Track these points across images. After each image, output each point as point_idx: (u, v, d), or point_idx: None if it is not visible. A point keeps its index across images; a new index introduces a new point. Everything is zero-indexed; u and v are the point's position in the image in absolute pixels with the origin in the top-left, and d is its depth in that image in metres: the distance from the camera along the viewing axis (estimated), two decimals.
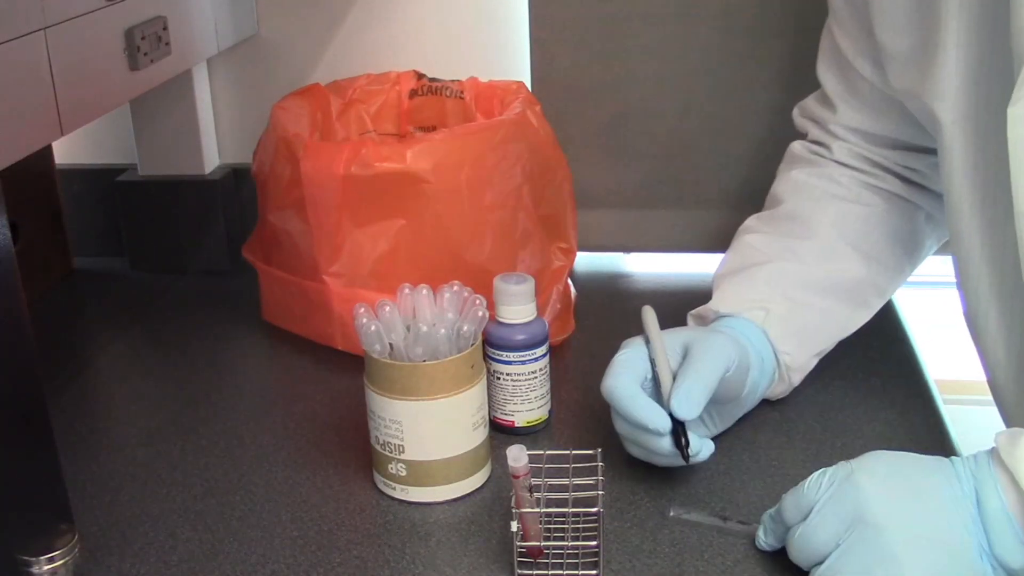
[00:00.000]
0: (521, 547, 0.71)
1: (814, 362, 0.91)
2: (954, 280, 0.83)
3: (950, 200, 0.79)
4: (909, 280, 1.01)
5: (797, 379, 0.90)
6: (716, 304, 0.89)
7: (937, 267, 1.34)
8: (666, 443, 0.76)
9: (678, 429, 0.76)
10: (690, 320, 0.91)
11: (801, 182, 0.95)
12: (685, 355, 0.80)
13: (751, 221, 0.97)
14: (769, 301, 0.87)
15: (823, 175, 0.94)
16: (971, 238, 0.78)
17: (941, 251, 1.19)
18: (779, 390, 0.89)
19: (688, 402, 0.76)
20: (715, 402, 0.80)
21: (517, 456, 0.69)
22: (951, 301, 0.86)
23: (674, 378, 0.78)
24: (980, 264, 0.78)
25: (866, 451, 0.84)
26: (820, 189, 0.93)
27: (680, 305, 1.11)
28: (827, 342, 0.91)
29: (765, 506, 0.78)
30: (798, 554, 0.69)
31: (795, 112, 1.00)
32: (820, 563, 0.67)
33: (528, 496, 0.70)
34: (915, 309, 1.09)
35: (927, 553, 0.64)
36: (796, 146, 0.99)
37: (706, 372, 0.77)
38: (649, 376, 0.80)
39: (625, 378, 0.78)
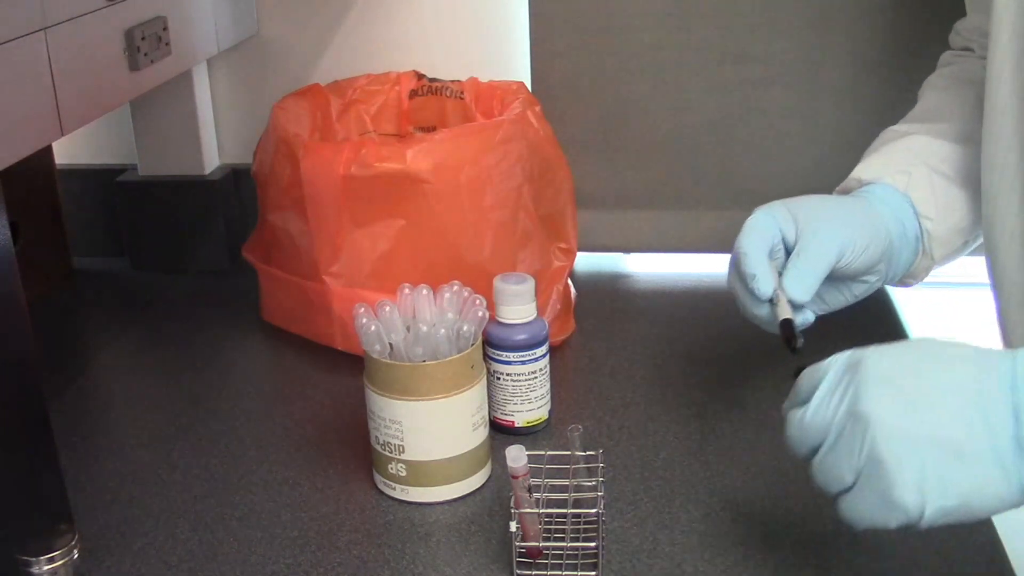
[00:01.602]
0: (520, 547, 0.71)
1: (957, 243, 0.87)
2: (953, 281, 0.83)
3: (991, 70, 0.76)
4: None
5: (939, 255, 0.86)
6: (858, 171, 0.86)
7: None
8: (764, 310, 0.78)
9: (789, 321, 0.77)
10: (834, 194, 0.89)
11: (938, 80, 0.94)
12: (798, 233, 0.79)
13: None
14: (912, 166, 0.85)
15: (962, 70, 0.92)
16: (1004, 116, 0.75)
17: None
18: (922, 267, 0.86)
19: (801, 284, 0.77)
20: (840, 279, 0.81)
21: (516, 456, 0.69)
22: (951, 301, 0.86)
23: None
24: (1008, 154, 0.75)
25: None
26: (957, 80, 0.91)
27: (680, 305, 1.11)
28: (970, 222, 0.86)
29: (765, 506, 0.78)
30: (792, 438, 0.64)
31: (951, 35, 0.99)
32: (815, 454, 0.63)
33: (527, 496, 0.70)
34: (915, 309, 1.09)
35: (919, 454, 0.58)
36: (945, 55, 0.97)
37: (817, 255, 0.77)
38: (778, 243, 0.79)
39: (755, 236, 0.79)
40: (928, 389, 0.59)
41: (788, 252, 0.80)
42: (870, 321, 1.06)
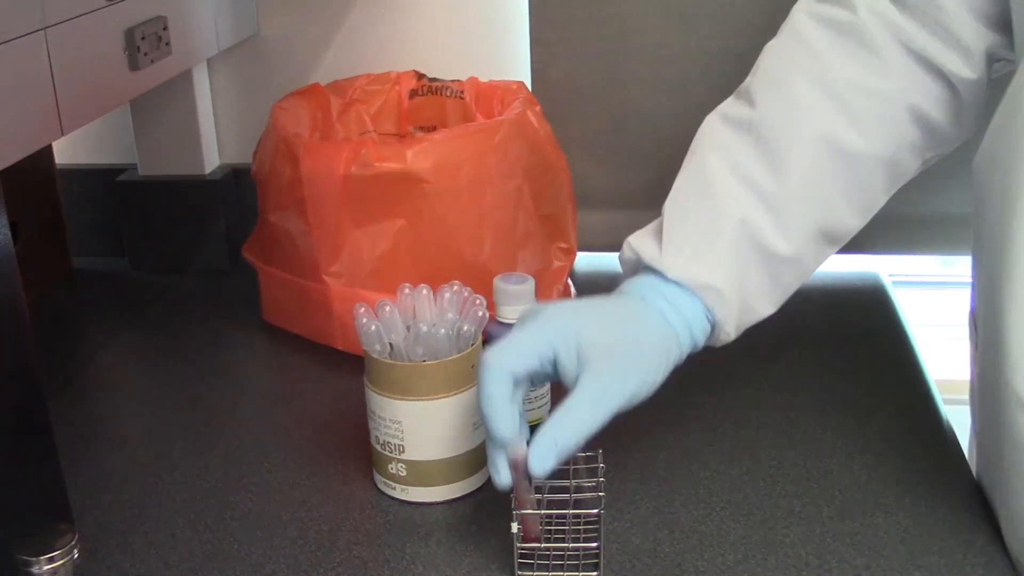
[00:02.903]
0: (521, 548, 0.71)
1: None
2: (952, 281, 0.80)
3: None
4: (908, 280, 1.00)
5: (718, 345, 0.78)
6: (664, 266, 0.74)
7: (937, 267, 1.35)
8: (501, 465, 0.69)
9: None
10: (625, 249, 0.79)
11: (780, 71, 0.78)
12: (579, 366, 0.69)
13: (714, 123, 0.81)
14: (726, 284, 0.74)
15: (811, 60, 0.76)
16: None
17: (943, 251, 1.19)
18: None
19: (543, 459, 0.66)
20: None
21: (516, 444, 0.68)
22: (951, 301, 0.86)
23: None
24: None
25: (866, 451, 0.84)
26: (803, 89, 0.76)
27: None
28: (757, 317, 0.78)
29: (765, 506, 0.78)
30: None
31: None
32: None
33: (527, 485, 0.69)
34: (915, 309, 1.09)
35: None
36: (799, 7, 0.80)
37: (585, 419, 0.67)
38: (545, 363, 0.69)
39: (503, 371, 0.68)
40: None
41: (558, 375, 0.70)
42: (869, 321, 1.06)
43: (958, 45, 0.74)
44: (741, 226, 0.75)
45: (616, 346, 0.70)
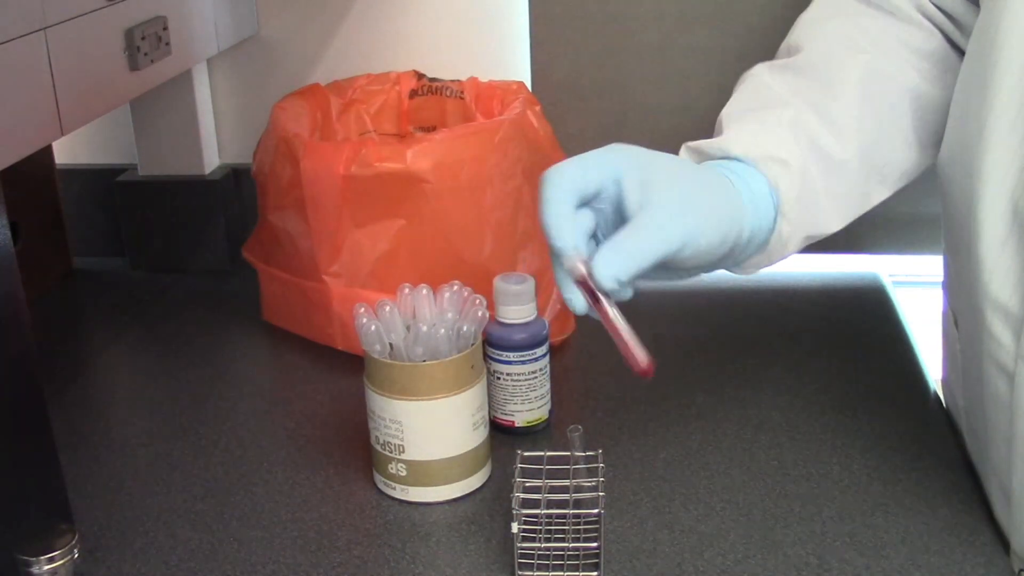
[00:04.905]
0: (521, 548, 0.71)
1: (795, 247, 0.75)
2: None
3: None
4: (908, 280, 1.00)
5: (777, 256, 0.74)
6: (727, 144, 0.72)
7: (937, 267, 1.34)
8: (571, 288, 0.64)
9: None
10: (684, 152, 0.75)
11: (825, 29, 0.80)
12: (643, 194, 0.64)
13: (759, 68, 0.80)
14: (791, 156, 0.72)
15: (855, 24, 0.79)
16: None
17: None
18: (753, 263, 0.74)
19: (607, 264, 0.63)
20: (667, 266, 0.67)
21: (575, 258, 0.63)
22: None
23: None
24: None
25: (866, 451, 0.84)
26: (848, 39, 0.78)
27: (680, 305, 1.11)
28: (821, 228, 0.75)
29: (765, 506, 0.78)
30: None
31: None
32: None
33: (609, 307, 0.64)
34: (915, 309, 1.09)
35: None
36: None
37: (652, 237, 0.63)
38: (604, 190, 0.65)
39: (567, 175, 0.65)
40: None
41: (619, 208, 0.65)
42: (869, 321, 1.06)
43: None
44: (796, 121, 0.73)
45: (682, 178, 0.67)
